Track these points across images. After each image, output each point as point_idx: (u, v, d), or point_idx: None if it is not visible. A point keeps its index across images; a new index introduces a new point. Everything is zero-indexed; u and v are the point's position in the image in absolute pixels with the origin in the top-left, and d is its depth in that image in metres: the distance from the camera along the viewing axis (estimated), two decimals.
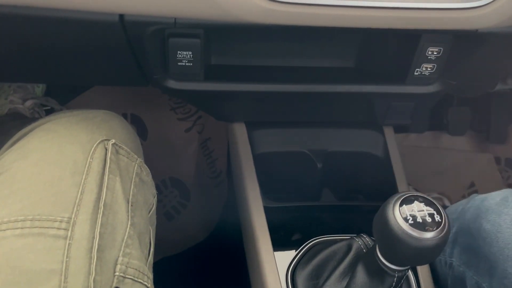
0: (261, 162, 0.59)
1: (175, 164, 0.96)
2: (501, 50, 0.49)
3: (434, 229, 0.33)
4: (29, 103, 0.88)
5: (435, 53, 0.50)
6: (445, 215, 0.33)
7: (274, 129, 0.61)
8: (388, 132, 0.62)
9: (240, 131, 0.61)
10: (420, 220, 0.33)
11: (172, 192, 0.95)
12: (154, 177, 0.51)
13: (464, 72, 0.53)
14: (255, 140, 0.61)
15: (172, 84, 0.52)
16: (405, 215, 0.33)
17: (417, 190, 0.90)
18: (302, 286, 0.47)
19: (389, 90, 0.55)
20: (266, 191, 0.57)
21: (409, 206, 0.34)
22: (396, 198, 0.35)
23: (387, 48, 0.54)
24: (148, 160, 0.51)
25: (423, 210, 0.33)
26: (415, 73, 0.52)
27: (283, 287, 0.49)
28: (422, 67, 0.52)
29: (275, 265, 0.51)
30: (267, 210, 0.54)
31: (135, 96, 0.99)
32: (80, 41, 0.47)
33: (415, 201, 0.34)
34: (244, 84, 0.53)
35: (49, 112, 0.91)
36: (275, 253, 0.52)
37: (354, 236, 0.46)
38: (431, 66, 0.52)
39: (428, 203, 0.34)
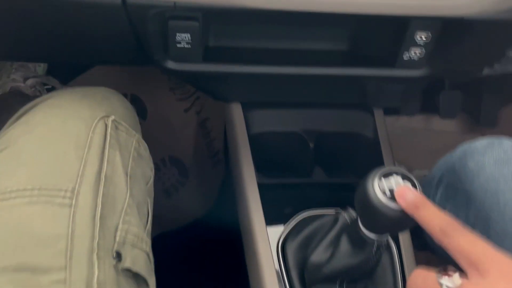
0: (256, 141, 0.62)
1: (174, 144, 0.99)
2: (487, 37, 0.51)
3: None
4: (30, 81, 0.90)
5: (424, 38, 0.52)
6: (420, 188, 0.36)
7: (269, 109, 0.64)
8: (378, 114, 0.64)
9: (236, 111, 0.63)
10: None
11: (170, 170, 0.98)
12: (153, 156, 0.53)
13: (451, 57, 0.55)
14: (251, 120, 0.63)
15: (171, 64, 0.54)
16: (383, 188, 0.36)
17: (410, 168, 0.93)
18: (291, 256, 0.50)
19: (379, 73, 0.57)
20: (260, 169, 0.60)
21: (387, 180, 0.37)
22: (375, 172, 0.37)
23: (379, 32, 0.56)
24: (148, 139, 0.53)
25: (400, 184, 0.36)
26: (404, 57, 0.55)
27: (274, 257, 0.52)
28: (411, 51, 0.54)
29: (267, 238, 0.54)
30: (261, 187, 0.57)
31: (135, 76, 1.01)
32: (83, 22, 0.49)
33: (393, 175, 0.37)
34: (241, 66, 0.55)
35: (50, 91, 0.93)
36: (268, 227, 0.55)
37: (340, 210, 0.49)
38: (419, 50, 0.54)
39: (405, 177, 0.37)
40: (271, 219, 0.56)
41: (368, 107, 0.65)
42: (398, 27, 0.52)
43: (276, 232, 0.55)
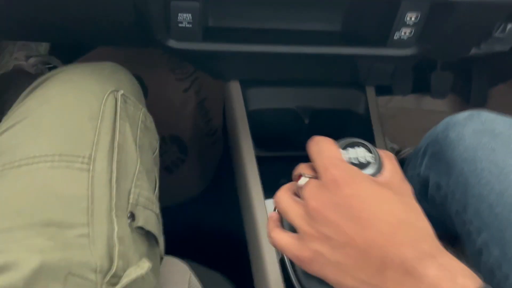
0: (254, 118, 0.65)
1: (174, 122, 1.01)
2: (472, 18, 0.54)
3: (370, 167, 0.38)
4: (32, 60, 0.92)
5: (413, 18, 0.55)
6: (378, 158, 0.39)
7: (266, 87, 0.67)
8: (370, 91, 0.67)
9: (235, 89, 0.66)
10: (357, 162, 0.39)
11: (171, 148, 1.01)
12: None
13: (440, 37, 0.58)
14: (249, 97, 0.66)
15: (173, 43, 0.56)
16: (347, 158, 0.39)
17: (402, 146, 0.96)
18: (287, 224, 0.54)
19: (371, 53, 0.60)
20: (258, 143, 0.63)
21: (349, 150, 0.40)
22: (338, 143, 0.41)
23: (370, 13, 0.59)
24: None
25: (362, 154, 0.39)
26: (395, 37, 0.57)
27: None
28: (401, 31, 0.57)
29: (265, 207, 0.58)
30: (259, 159, 0.61)
31: (136, 57, 1.03)
32: (87, 2, 0.51)
33: (355, 147, 0.40)
34: (239, 45, 0.58)
35: (52, 70, 0.95)
36: (265, 200, 0.59)
37: None
38: (409, 30, 0.57)
39: (367, 148, 0.40)
40: (268, 191, 0.60)
41: (360, 85, 0.68)
42: (389, 8, 0.55)
43: (273, 203, 0.58)
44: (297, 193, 0.40)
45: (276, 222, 0.40)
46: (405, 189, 0.37)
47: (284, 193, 0.39)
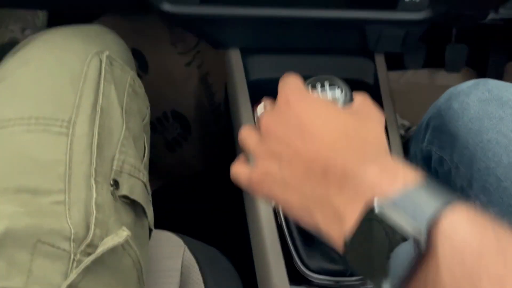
0: (255, 88, 0.62)
1: (176, 98, 0.99)
2: None
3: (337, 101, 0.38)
4: (28, 32, 0.90)
5: None
6: (348, 93, 0.39)
7: (268, 56, 0.63)
8: (379, 59, 0.63)
9: (235, 58, 0.63)
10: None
11: (173, 125, 0.99)
12: (156, 110, 0.53)
13: None
14: (250, 66, 0.62)
15: (167, 7, 0.53)
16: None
17: (413, 123, 0.93)
18: None
19: (380, 16, 0.56)
20: None
21: (318, 86, 0.40)
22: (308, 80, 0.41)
23: None
24: (150, 93, 0.53)
25: (331, 90, 0.40)
26: None
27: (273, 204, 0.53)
28: None
29: None
30: None
31: (136, 31, 1.00)
32: None
33: (325, 85, 0.41)
34: (238, 8, 0.54)
35: None
36: None
37: None
38: None
39: (338, 85, 0.40)
40: None
41: (369, 53, 0.64)
42: None
43: None
44: None
45: (242, 159, 0.39)
46: (372, 115, 0.36)
47: (247, 126, 0.40)
